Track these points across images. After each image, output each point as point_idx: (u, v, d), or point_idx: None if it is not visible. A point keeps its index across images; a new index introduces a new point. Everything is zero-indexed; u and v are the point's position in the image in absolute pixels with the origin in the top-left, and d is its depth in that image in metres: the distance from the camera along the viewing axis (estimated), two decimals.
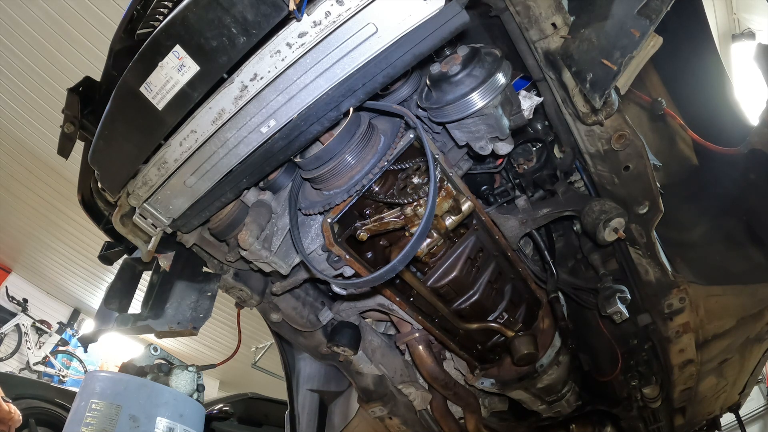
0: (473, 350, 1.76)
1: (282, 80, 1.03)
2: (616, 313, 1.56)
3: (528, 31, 1.15)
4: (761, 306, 1.87)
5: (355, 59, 0.99)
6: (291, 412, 2.17)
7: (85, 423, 1.45)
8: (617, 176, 1.36)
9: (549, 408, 2.08)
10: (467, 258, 1.45)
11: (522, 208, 1.50)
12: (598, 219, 1.39)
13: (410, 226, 1.24)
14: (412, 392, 1.90)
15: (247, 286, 1.54)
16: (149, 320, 1.42)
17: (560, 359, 1.90)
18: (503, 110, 1.10)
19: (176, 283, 1.50)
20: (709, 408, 2.46)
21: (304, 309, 1.69)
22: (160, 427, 1.55)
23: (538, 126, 1.47)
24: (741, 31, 4.50)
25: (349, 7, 0.94)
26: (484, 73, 1.06)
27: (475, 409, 1.97)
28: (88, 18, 4.74)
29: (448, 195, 1.30)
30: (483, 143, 1.14)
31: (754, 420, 6.60)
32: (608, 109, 1.18)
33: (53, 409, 3.93)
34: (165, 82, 1.04)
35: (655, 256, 1.54)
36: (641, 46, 1.02)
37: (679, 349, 1.82)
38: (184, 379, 1.81)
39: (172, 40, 0.99)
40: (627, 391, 2.12)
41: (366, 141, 1.15)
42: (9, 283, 7.79)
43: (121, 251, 1.67)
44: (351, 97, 1.03)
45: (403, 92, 1.23)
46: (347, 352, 1.69)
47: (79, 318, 8.72)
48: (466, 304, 1.53)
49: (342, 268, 1.26)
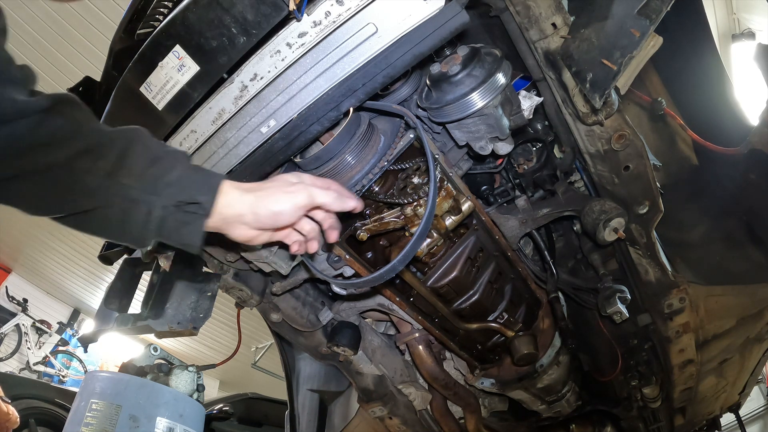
0: (473, 350, 1.76)
1: (282, 80, 1.03)
2: (616, 313, 1.56)
3: (528, 31, 1.15)
4: (761, 306, 1.87)
5: (355, 59, 0.99)
6: (291, 412, 2.17)
7: (85, 423, 1.45)
8: (617, 176, 1.36)
9: (549, 408, 2.08)
10: (467, 258, 1.45)
11: (522, 208, 1.50)
12: (598, 219, 1.39)
13: (410, 226, 1.24)
14: (412, 392, 1.90)
15: (247, 286, 1.54)
16: (149, 320, 1.42)
17: (560, 359, 1.90)
18: (503, 110, 1.10)
19: (176, 283, 1.50)
20: (709, 408, 2.46)
21: (304, 309, 1.69)
22: (160, 427, 1.55)
23: (538, 126, 1.47)
24: (741, 31, 4.50)
25: (349, 7, 0.94)
26: (484, 73, 1.06)
27: (475, 409, 1.97)
28: (88, 18, 4.74)
29: (448, 195, 1.30)
30: (483, 143, 1.15)
31: (754, 420, 6.60)
32: (608, 109, 1.18)
33: (53, 409, 3.93)
34: (165, 82, 1.04)
35: (655, 256, 1.54)
36: (641, 46, 1.02)
37: (679, 349, 1.82)
38: (184, 379, 1.82)
39: (172, 40, 0.99)
40: (627, 391, 2.12)
41: (366, 141, 1.16)
42: (9, 283, 7.79)
43: (121, 251, 1.67)
44: (351, 97, 1.03)
45: (403, 92, 1.23)
46: (347, 352, 1.69)
47: (79, 318, 8.72)
48: (466, 304, 1.53)
49: (342, 268, 1.26)
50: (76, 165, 0.72)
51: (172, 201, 0.78)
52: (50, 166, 0.71)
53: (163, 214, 0.78)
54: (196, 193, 0.80)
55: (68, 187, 0.74)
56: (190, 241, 0.82)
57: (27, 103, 0.69)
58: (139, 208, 0.77)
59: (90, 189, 0.74)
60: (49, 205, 0.76)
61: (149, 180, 0.77)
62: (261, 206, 0.83)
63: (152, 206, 0.77)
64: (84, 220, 0.79)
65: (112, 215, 0.77)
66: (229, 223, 0.84)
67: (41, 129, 0.69)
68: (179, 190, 0.78)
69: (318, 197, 0.87)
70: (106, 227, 0.81)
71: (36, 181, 0.72)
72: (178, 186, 0.78)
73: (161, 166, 0.78)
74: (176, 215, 0.79)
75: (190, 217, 0.80)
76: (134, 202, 0.77)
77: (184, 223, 0.80)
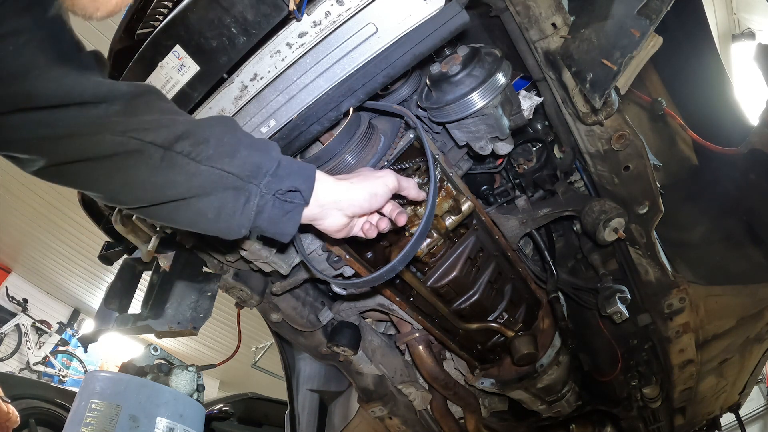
0: (473, 350, 1.76)
1: (282, 80, 1.03)
2: (616, 313, 1.56)
3: (528, 31, 1.15)
4: (761, 306, 1.87)
5: (355, 59, 0.99)
6: (291, 412, 2.17)
7: (85, 423, 1.45)
8: (617, 176, 1.36)
9: (549, 408, 2.08)
10: (467, 258, 1.45)
11: (522, 208, 1.50)
12: (598, 219, 1.39)
13: (410, 226, 1.24)
14: (412, 392, 1.90)
15: (247, 286, 1.54)
16: (149, 320, 1.41)
17: (560, 359, 1.90)
18: (503, 110, 1.10)
19: (176, 283, 1.50)
20: (709, 408, 2.46)
21: (304, 309, 1.69)
22: (160, 427, 1.55)
23: (538, 126, 1.47)
24: (741, 31, 4.50)
25: (349, 7, 0.94)
26: (484, 73, 1.06)
27: (475, 409, 1.97)
28: None
29: (448, 195, 1.30)
30: (483, 143, 1.15)
31: (754, 420, 6.60)
32: (608, 109, 1.18)
33: (53, 409, 3.93)
34: (165, 82, 1.04)
35: (655, 256, 1.54)
36: (641, 46, 1.02)
37: (679, 349, 1.82)
38: (184, 379, 1.81)
39: (172, 40, 0.99)
40: (627, 391, 2.12)
41: (366, 141, 1.15)
42: (9, 283, 7.79)
43: (121, 251, 1.67)
44: (351, 97, 1.03)
45: (403, 92, 1.23)
46: (347, 352, 1.68)
47: (79, 318, 8.72)
48: (466, 304, 1.53)
49: (342, 268, 1.26)
50: (174, 148, 0.70)
51: (272, 189, 0.78)
52: (144, 149, 0.68)
53: (262, 203, 0.77)
54: (295, 181, 0.79)
55: (164, 172, 0.71)
56: (286, 230, 0.81)
57: (113, 86, 0.67)
58: (238, 196, 0.75)
59: (188, 175, 0.72)
60: (139, 192, 0.73)
61: (249, 168, 0.75)
62: (357, 190, 0.86)
63: (251, 194, 0.76)
64: (174, 211, 0.76)
65: (208, 204, 0.75)
66: (326, 210, 0.84)
67: (132, 114, 0.67)
68: (279, 178, 0.78)
69: (402, 181, 0.93)
70: (200, 217, 0.77)
71: (123, 166, 0.69)
72: (277, 174, 0.78)
73: (259, 154, 0.77)
74: (275, 204, 0.79)
75: (289, 206, 0.80)
76: (234, 190, 0.75)
77: (284, 211, 0.80)
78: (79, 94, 0.64)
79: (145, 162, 0.69)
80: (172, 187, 0.73)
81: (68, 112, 0.64)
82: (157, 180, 0.71)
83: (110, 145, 0.67)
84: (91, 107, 0.65)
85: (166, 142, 0.70)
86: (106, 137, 0.66)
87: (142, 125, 0.68)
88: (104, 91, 0.66)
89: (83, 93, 0.64)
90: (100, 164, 0.69)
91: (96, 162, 0.68)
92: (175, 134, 0.70)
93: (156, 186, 0.72)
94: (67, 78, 0.63)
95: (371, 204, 0.88)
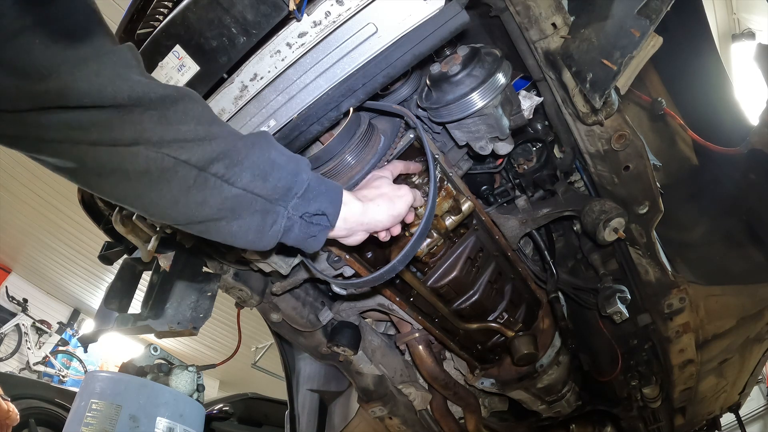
0: (473, 350, 1.76)
1: (282, 80, 1.03)
2: (616, 313, 1.56)
3: (528, 31, 1.15)
4: (761, 306, 1.87)
5: (355, 59, 0.99)
6: (291, 412, 2.17)
7: (85, 423, 1.45)
8: (617, 176, 1.36)
9: (549, 408, 2.08)
10: (467, 258, 1.45)
11: (522, 208, 1.50)
12: (598, 219, 1.39)
13: (410, 226, 1.24)
14: (412, 392, 1.90)
15: (247, 286, 1.54)
16: (149, 320, 1.41)
17: (560, 359, 1.90)
18: (503, 110, 1.10)
19: (176, 283, 1.50)
20: (709, 408, 2.46)
21: (304, 309, 1.69)
22: (160, 427, 1.55)
23: (538, 126, 1.47)
24: (741, 31, 4.50)
25: (349, 7, 0.94)
26: (484, 73, 1.06)
27: (475, 409, 1.97)
28: None
29: (448, 195, 1.30)
30: (483, 143, 1.14)
31: (754, 420, 6.60)
32: (608, 109, 1.18)
33: (53, 409, 3.94)
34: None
35: (655, 256, 1.54)
36: (641, 46, 1.02)
37: (679, 349, 1.82)
38: (184, 379, 1.81)
39: (172, 40, 0.99)
40: (627, 391, 2.12)
41: (366, 141, 1.15)
42: (9, 283, 7.79)
43: (121, 251, 1.67)
44: (351, 97, 1.03)
45: (403, 92, 1.23)
46: (347, 352, 1.69)
47: (79, 318, 8.72)
48: (466, 304, 1.53)
49: (342, 268, 1.26)
50: (209, 170, 0.68)
51: (299, 212, 0.78)
52: (178, 169, 0.66)
53: (288, 224, 0.78)
54: (322, 204, 0.80)
55: (196, 193, 0.69)
56: (311, 248, 0.83)
57: (148, 87, 0.63)
58: (266, 218, 0.75)
59: (221, 198, 0.71)
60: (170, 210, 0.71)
61: (280, 191, 0.75)
62: (382, 212, 0.89)
63: (278, 216, 0.76)
64: (205, 231, 0.75)
65: (237, 226, 0.74)
66: (352, 232, 0.88)
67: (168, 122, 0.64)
68: (306, 201, 0.78)
69: (419, 199, 1.02)
70: (228, 236, 0.76)
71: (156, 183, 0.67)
72: (305, 197, 0.78)
73: (290, 178, 0.77)
74: (302, 226, 0.79)
75: (314, 228, 0.81)
76: (263, 213, 0.75)
77: (310, 234, 0.80)
78: (113, 95, 0.60)
79: (178, 182, 0.67)
80: (202, 208, 0.71)
81: (101, 115, 0.60)
82: (189, 200, 0.70)
83: (144, 161, 0.64)
84: (126, 111, 0.61)
85: (201, 162, 0.67)
86: (141, 151, 0.63)
87: (177, 138, 0.65)
88: (139, 93, 0.62)
89: (116, 94, 0.60)
90: (132, 179, 0.66)
91: (127, 175, 0.65)
92: (211, 155, 0.68)
93: (188, 206, 0.70)
94: (99, 76, 0.59)
95: (393, 223, 0.92)
